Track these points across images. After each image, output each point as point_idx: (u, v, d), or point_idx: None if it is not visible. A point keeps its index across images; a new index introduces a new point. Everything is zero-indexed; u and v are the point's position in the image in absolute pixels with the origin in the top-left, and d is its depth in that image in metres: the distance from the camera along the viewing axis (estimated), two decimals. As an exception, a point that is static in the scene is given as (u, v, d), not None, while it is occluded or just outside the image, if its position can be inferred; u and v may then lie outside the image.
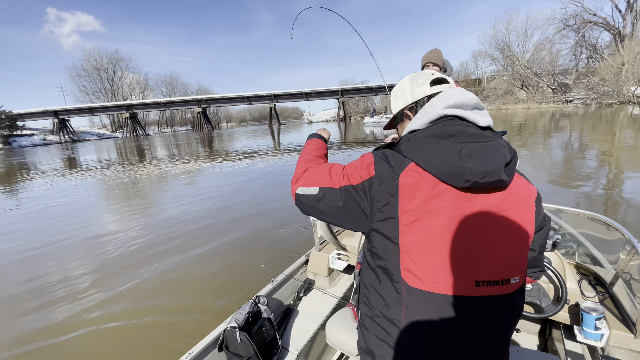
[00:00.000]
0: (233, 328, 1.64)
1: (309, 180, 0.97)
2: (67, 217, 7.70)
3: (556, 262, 1.92)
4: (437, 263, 0.82)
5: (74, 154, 29.86)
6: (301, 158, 1.10)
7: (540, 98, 48.90)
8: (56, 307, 3.79)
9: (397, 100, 1.05)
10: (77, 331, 3.32)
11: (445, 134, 0.84)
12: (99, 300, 3.88)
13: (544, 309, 1.73)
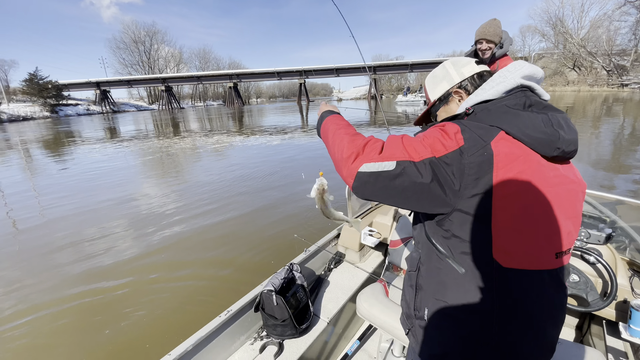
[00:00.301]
0: (270, 291, 1.73)
1: (381, 154, 0.79)
2: (113, 179, 8.26)
3: (608, 256, 1.83)
4: (531, 237, 0.78)
5: (115, 124, 31.52)
6: (340, 133, 0.91)
7: (592, 80, 44.72)
8: (102, 257, 4.16)
9: (440, 83, 1.00)
10: (124, 279, 3.64)
11: (525, 103, 0.83)
12: (142, 253, 4.20)
13: (589, 303, 1.66)
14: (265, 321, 1.76)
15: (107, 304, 3.33)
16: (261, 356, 1.65)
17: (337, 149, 0.87)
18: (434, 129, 0.83)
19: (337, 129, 0.95)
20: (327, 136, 0.97)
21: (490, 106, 0.85)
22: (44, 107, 51.19)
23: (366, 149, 0.81)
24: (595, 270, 1.79)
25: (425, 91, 1.08)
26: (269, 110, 48.44)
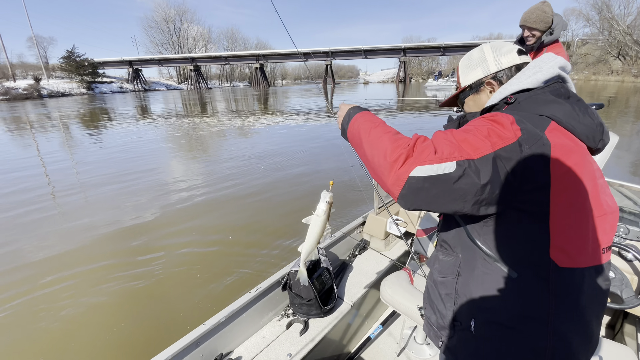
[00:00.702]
0: (296, 271, 1.79)
1: (437, 153, 0.67)
2: (148, 155, 8.66)
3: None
4: (585, 233, 0.74)
5: (147, 102, 32.61)
6: (376, 132, 0.78)
7: (637, 71, 40.95)
8: (138, 230, 4.43)
9: (474, 69, 0.95)
10: (157, 253, 3.88)
11: (563, 94, 0.81)
12: (178, 229, 4.45)
13: (624, 300, 1.61)
14: (292, 300, 1.84)
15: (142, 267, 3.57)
16: (287, 332, 1.73)
17: (375, 151, 0.75)
18: (482, 120, 0.75)
19: (372, 127, 0.81)
20: (359, 137, 0.83)
21: (534, 94, 0.81)
22: (81, 84, 53.65)
23: (416, 149, 0.69)
24: (633, 267, 1.72)
25: (457, 74, 1.03)
26: (293, 92, 48.27)
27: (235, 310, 1.61)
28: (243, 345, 1.66)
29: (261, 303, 1.75)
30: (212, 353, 1.53)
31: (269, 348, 1.64)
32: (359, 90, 45.93)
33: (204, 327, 1.50)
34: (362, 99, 25.46)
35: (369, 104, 21.91)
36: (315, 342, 1.66)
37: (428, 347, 2.00)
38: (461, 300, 0.83)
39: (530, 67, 0.86)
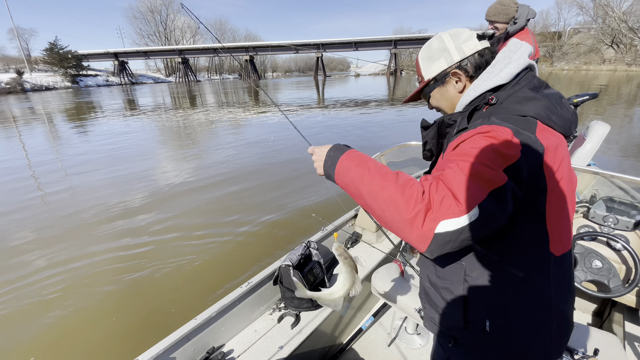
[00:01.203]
0: (287, 266, 1.79)
1: (458, 202, 0.63)
2: (139, 150, 8.51)
3: (635, 242, 1.80)
4: (569, 217, 0.82)
5: (134, 96, 31.92)
6: (376, 182, 0.71)
7: (631, 59, 41.68)
8: (136, 219, 4.38)
9: (437, 60, 0.90)
10: (151, 237, 3.84)
11: (537, 86, 0.81)
12: (162, 218, 4.40)
13: (611, 289, 1.67)
14: (283, 294, 1.84)
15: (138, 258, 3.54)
16: (279, 325, 1.74)
17: (384, 205, 0.68)
18: (480, 138, 0.70)
19: (366, 174, 0.73)
20: (354, 187, 0.75)
21: (514, 93, 0.80)
22: (65, 77, 52.15)
23: (434, 200, 0.64)
24: (621, 256, 1.76)
25: (418, 67, 0.96)
26: (284, 84, 47.82)
27: (227, 305, 1.61)
28: (235, 339, 1.67)
29: (253, 297, 1.76)
30: (204, 347, 1.54)
31: (261, 341, 1.64)
32: (350, 83, 45.77)
33: (195, 321, 1.50)
34: (353, 95, 25.32)
35: (362, 97, 21.87)
36: (307, 334, 1.68)
37: (419, 337, 2.04)
38: (472, 304, 0.85)
39: (500, 59, 0.84)
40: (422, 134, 1.00)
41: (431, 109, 1.03)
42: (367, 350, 2.00)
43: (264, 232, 4.16)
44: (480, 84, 0.84)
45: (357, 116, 13.79)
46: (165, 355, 1.38)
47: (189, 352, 1.48)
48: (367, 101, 19.34)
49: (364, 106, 17.04)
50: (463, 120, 0.83)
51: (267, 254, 3.62)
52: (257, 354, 1.57)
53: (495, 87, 0.83)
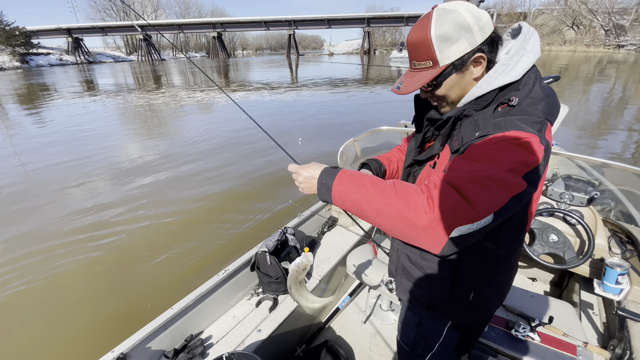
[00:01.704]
0: (264, 252, 1.80)
1: (474, 208, 0.63)
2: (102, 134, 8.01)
3: (589, 217, 1.93)
4: (537, 202, 0.87)
5: (93, 76, 29.69)
6: (376, 199, 0.70)
7: (590, 40, 43.78)
8: (107, 209, 4.20)
9: (457, 41, 0.73)
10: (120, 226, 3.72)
11: (542, 82, 0.79)
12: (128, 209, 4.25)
13: (566, 261, 1.78)
14: (261, 279, 1.86)
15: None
16: (257, 310, 1.77)
17: (394, 221, 0.68)
18: (508, 145, 0.67)
19: (366, 196, 0.71)
20: (357, 208, 0.74)
21: (529, 93, 0.75)
22: (13, 56, 47.34)
23: (447, 207, 0.64)
24: (575, 230, 1.89)
25: (426, 48, 0.75)
26: (256, 63, 46.25)
27: (204, 293, 1.61)
28: (213, 325, 1.68)
29: (230, 284, 1.76)
30: (182, 335, 1.54)
31: (239, 326, 1.67)
32: (324, 62, 44.98)
33: (171, 310, 1.49)
34: (327, 75, 24.94)
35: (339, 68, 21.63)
36: (285, 316, 1.72)
37: (392, 312, 2.15)
38: (459, 281, 0.93)
39: (516, 50, 0.76)
40: (419, 126, 0.96)
41: (429, 98, 0.87)
42: (344, 328, 2.09)
43: (237, 218, 4.12)
44: (496, 76, 0.76)
45: (333, 96, 13.68)
46: (141, 346, 1.37)
47: (167, 341, 1.48)
48: (342, 81, 19.17)
49: (340, 86, 16.89)
50: (486, 123, 0.74)
51: (243, 241, 3.62)
52: (236, 338, 1.59)
53: (511, 83, 0.77)
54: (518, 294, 1.70)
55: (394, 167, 1.16)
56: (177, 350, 1.48)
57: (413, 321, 1.11)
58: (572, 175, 2.16)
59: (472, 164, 0.68)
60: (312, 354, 1.79)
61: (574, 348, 1.40)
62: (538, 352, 1.39)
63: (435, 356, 1.09)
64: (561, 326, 1.47)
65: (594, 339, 1.64)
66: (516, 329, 1.46)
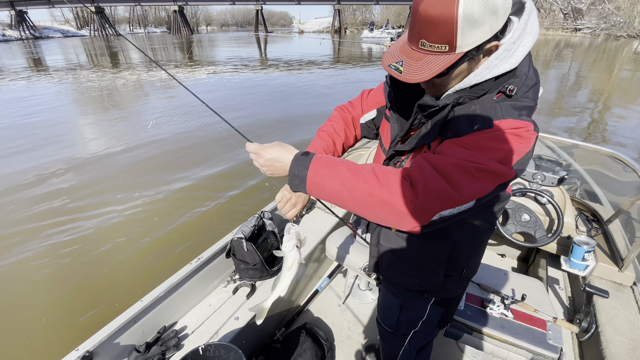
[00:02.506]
0: (240, 238, 1.73)
1: (460, 193, 0.63)
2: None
3: (559, 197, 1.99)
4: None
5: (41, 53, 26.92)
6: (363, 185, 0.66)
7: (549, 23, 45.78)
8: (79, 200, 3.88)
9: (482, 25, 0.60)
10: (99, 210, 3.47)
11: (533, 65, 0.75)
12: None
13: (537, 239, 1.86)
14: (237, 266, 1.80)
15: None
16: (234, 297, 1.72)
17: (377, 210, 0.67)
18: (504, 135, 0.65)
19: (345, 186, 0.67)
20: (337, 199, 0.70)
21: (526, 81, 0.71)
22: (-59, 28, 41.78)
23: (432, 192, 0.63)
24: (545, 210, 1.96)
25: (446, 28, 0.60)
26: (222, 40, 44.03)
27: (176, 283, 1.53)
28: (188, 315, 1.61)
29: (205, 272, 1.69)
30: (154, 327, 1.47)
31: (216, 314, 1.61)
32: (294, 41, 43.70)
33: (141, 303, 1.40)
34: (298, 54, 24.37)
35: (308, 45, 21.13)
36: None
37: (370, 292, 2.18)
38: (453, 262, 0.93)
39: (518, 32, 0.66)
40: (401, 111, 0.86)
41: (423, 86, 0.77)
42: (323, 309, 2.10)
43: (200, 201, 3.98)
44: (496, 63, 0.67)
45: (303, 76, 13.38)
46: (109, 342, 1.29)
47: (137, 335, 1.40)
48: (314, 61, 18.77)
49: (312, 65, 16.53)
50: (485, 116, 0.68)
51: (209, 227, 3.51)
52: (212, 327, 1.54)
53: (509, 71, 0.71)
54: (492, 273, 1.75)
55: (338, 152, 1.01)
56: (149, 344, 1.40)
57: (395, 304, 1.08)
58: (542, 155, 2.22)
59: (464, 151, 0.65)
60: (291, 338, 1.78)
61: (544, 323, 1.45)
62: (511, 328, 1.43)
63: (419, 332, 1.10)
64: (532, 302, 1.53)
65: (560, 313, 1.72)
66: (491, 307, 1.50)
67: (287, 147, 0.76)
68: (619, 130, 6.76)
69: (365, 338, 1.93)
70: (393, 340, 1.18)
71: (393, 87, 0.87)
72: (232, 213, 3.75)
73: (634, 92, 10.57)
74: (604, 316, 1.51)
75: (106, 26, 60.38)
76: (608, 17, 39.00)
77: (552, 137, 2.11)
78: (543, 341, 1.37)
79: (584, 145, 2.04)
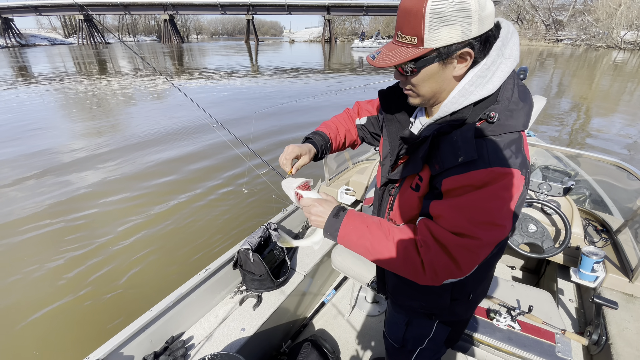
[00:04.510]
0: (246, 249, 1.74)
1: (461, 269, 0.70)
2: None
3: (566, 207, 1.96)
4: None
5: (26, 61, 26.46)
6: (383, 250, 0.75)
7: (532, 34, 47.37)
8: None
9: (452, 24, 0.62)
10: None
11: (519, 86, 0.74)
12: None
13: (544, 250, 1.82)
14: (244, 277, 1.80)
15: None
16: (241, 308, 1.71)
17: (393, 270, 0.78)
18: (491, 192, 0.65)
19: (369, 247, 0.77)
20: (361, 254, 0.81)
21: (508, 105, 0.69)
22: None
23: (440, 272, 0.70)
24: (551, 220, 1.94)
25: (414, 20, 0.63)
26: (212, 49, 44.08)
27: (184, 293, 1.53)
28: (195, 326, 1.61)
29: (212, 283, 1.69)
30: (162, 337, 1.47)
31: (223, 325, 1.61)
32: (285, 49, 44.01)
33: (150, 313, 1.40)
34: (291, 62, 24.50)
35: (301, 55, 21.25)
36: (269, 313, 1.68)
37: (377, 305, 2.18)
38: (460, 286, 0.91)
39: (494, 57, 0.67)
40: (394, 146, 0.88)
41: (401, 84, 0.79)
42: (329, 322, 2.09)
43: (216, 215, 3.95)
44: (472, 90, 0.68)
45: (297, 85, 13.46)
46: (118, 351, 1.29)
47: (146, 344, 1.40)
48: (306, 69, 18.93)
49: (305, 74, 16.66)
50: (467, 146, 0.67)
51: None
52: (219, 337, 1.54)
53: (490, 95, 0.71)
54: (499, 284, 1.73)
55: (340, 139, 1.08)
56: (157, 353, 1.40)
57: (402, 320, 1.09)
58: (549, 165, 2.19)
59: (460, 219, 0.67)
60: (297, 350, 1.77)
61: (552, 335, 1.42)
62: (519, 340, 1.41)
63: (425, 350, 1.08)
64: (540, 314, 1.51)
65: (569, 325, 1.69)
66: (497, 319, 1.48)
67: (330, 203, 0.84)
68: (603, 136, 7.00)
69: (371, 352, 1.91)
70: (399, 356, 1.16)
71: (382, 105, 0.92)
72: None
73: (614, 98, 10.97)
74: (614, 328, 1.47)
75: (95, 34, 59.87)
76: (588, 28, 40.68)
77: (559, 147, 2.06)
78: (552, 354, 1.34)
79: (587, 154, 2.01)
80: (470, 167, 0.65)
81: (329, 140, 1.04)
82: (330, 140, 1.04)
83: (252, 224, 3.68)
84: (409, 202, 0.82)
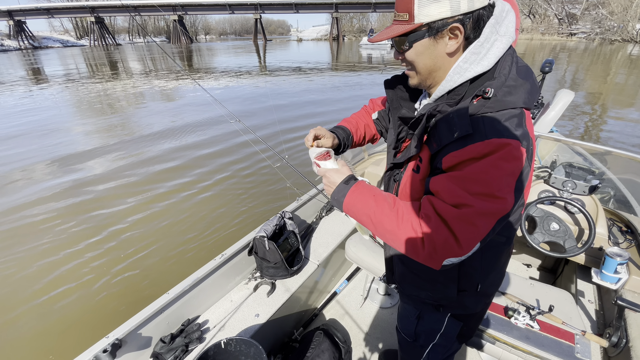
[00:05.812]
0: (262, 237, 1.76)
1: (460, 248, 0.67)
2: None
3: (591, 206, 1.90)
4: (528, 187, 0.86)
5: (41, 64, 27.10)
6: (386, 219, 0.74)
7: (544, 28, 46.39)
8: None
9: (440, 0, 0.65)
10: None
11: (518, 64, 0.73)
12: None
13: (566, 249, 1.78)
14: (259, 264, 1.82)
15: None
16: (255, 294, 1.74)
17: (394, 244, 0.75)
18: (490, 162, 0.64)
19: (373, 216, 0.75)
20: (363, 223, 0.80)
21: (505, 82, 0.68)
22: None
23: (437, 243, 0.67)
24: (574, 219, 1.88)
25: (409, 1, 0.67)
26: (221, 49, 44.38)
27: (200, 277, 1.56)
28: (210, 310, 1.64)
29: (227, 268, 1.71)
30: (178, 319, 1.50)
31: (237, 310, 1.64)
32: (293, 48, 44.04)
33: (167, 296, 1.44)
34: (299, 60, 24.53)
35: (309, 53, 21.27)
36: (283, 301, 1.70)
37: (389, 297, 2.18)
38: (466, 276, 0.90)
39: (487, 35, 0.68)
40: (395, 128, 0.89)
41: (402, 63, 0.80)
42: (341, 312, 2.10)
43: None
44: (466, 67, 0.70)
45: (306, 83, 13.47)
46: (137, 331, 1.32)
47: (163, 326, 1.43)
48: (317, 67, 18.93)
49: (316, 72, 16.66)
50: (462, 121, 0.67)
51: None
52: (233, 322, 1.57)
53: (487, 71, 0.72)
54: (517, 282, 1.69)
55: (360, 132, 1.11)
56: (173, 335, 1.44)
57: (413, 314, 1.09)
58: (573, 163, 2.12)
59: (458, 189, 0.66)
60: (309, 338, 1.79)
61: (572, 336, 1.41)
62: (537, 339, 1.39)
63: (437, 346, 1.08)
64: (560, 314, 1.49)
65: (589, 326, 1.66)
66: (516, 317, 1.47)
67: (344, 172, 0.86)
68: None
69: (382, 343, 1.92)
70: (412, 350, 1.16)
71: (388, 93, 0.95)
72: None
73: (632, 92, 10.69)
74: (635, 331, 1.45)
75: (106, 36, 60.86)
76: (602, 21, 39.61)
77: (583, 143, 2.01)
78: (571, 355, 1.33)
79: (617, 152, 1.95)
80: (467, 141, 0.66)
81: (350, 133, 1.07)
82: (352, 133, 1.07)
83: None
84: (412, 185, 0.82)
